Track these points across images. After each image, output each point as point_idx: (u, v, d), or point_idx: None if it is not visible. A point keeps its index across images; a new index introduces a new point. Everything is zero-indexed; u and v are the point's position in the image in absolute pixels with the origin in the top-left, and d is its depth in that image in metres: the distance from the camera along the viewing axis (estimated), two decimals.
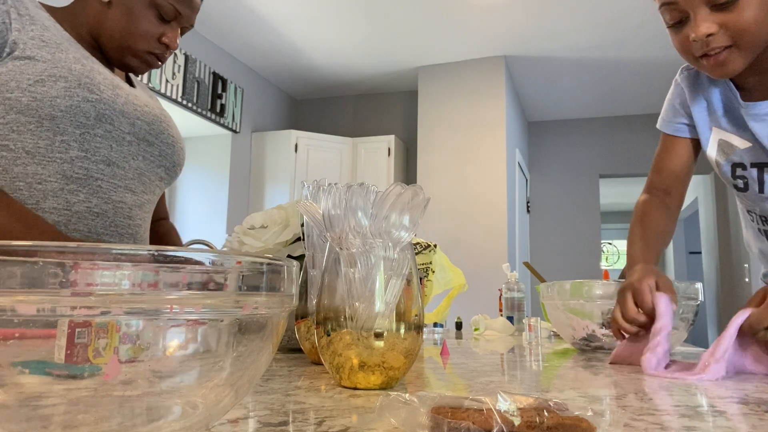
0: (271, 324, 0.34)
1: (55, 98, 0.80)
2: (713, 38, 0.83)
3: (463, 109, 4.45)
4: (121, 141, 0.89)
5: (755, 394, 0.58)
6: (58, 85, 0.81)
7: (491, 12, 3.79)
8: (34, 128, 0.80)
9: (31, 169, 0.80)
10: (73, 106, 0.82)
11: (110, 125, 0.87)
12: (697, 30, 0.84)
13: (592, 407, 0.39)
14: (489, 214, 4.26)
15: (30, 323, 0.25)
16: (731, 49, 0.84)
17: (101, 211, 0.87)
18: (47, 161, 0.81)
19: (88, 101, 0.83)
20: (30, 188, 0.80)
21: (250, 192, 4.71)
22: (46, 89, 0.80)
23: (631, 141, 5.62)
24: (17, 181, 0.80)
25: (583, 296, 1.02)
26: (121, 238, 0.90)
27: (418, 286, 0.61)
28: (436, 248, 1.19)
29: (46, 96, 0.80)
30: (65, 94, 0.81)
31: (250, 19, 3.96)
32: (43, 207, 0.81)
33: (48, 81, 0.80)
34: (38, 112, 0.80)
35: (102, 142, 0.86)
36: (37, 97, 0.79)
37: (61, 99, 0.81)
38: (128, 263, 0.26)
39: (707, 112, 1.02)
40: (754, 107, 0.94)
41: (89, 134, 0.84)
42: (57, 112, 0.81)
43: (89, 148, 0.85)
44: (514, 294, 1.66)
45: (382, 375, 0.57)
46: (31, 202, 0.80)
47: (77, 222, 0.84)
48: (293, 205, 0.99)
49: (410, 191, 0.57)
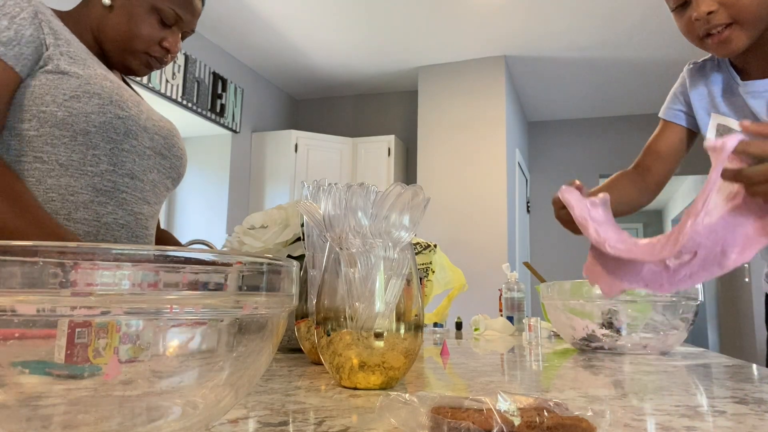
0: (271, 324, 0.34)
1: (89, 114, 0.83)
2: (714, 16, 0.87)
3: (463, 109, 4.45)
4: (143, 155, 0.93)
5: (755, 394, 0.58)
6: (93, 101, 0.83)
7: (491, 12, 3.78)
8: (68, 142, 0.83)
9: (64, 181, 0.83)
10: (106, 123, 0.85)
11: (135, 140, 0.90)
12: (698, 8, 0.88)
13: (592, 407, 0.39)
14: (489, 214, 4.26)
15: (30, 323, 0.25)
16: (733, 26, 0.87)
17: (125, 222, 0.90)
18: (79, 174, 0.84)
19: (119, 118, 0.86)
20: (63, 200, 0.83)
21: (250, 192, 4.71)
22: (81, 105, 0.82)
23: (631, 141, 5.62)
24: (50, 192, 0.82)
25: (583, 296, 1.02)
26: None
27: (418, 286, 0.61)
28: (436, 248, 1.19)
29: (81, 111, 0.82)
30: (99, 110, 0.84)
31: (250, 19, 3.96)
32: (75, 218, 0.84)
33: (83, 97, 0.83)
34: (73, 127, 0.82)
35: (128, 156, 0.89)
36: (72, 112, 0.82)
37: (95, 115, 0.84)
38: (128, 263, 0.26)
39: (707, 99, 1.06)
40: (752, 85, 0.97)
41: (117, 149, 0.87)
42: (91, 128, 0.83)
43: (117, 162, 0.88)
44: (514, 294, 1.66)
45: (382, 375, 0.57)
46: (63, 213, 0.83)
47: (105, 233, 0.87)
48: (293, 205, 0.99)
49: (410, 191, 0.57)
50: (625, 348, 0.99)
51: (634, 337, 0.98)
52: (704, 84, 1.06)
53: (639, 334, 0.97)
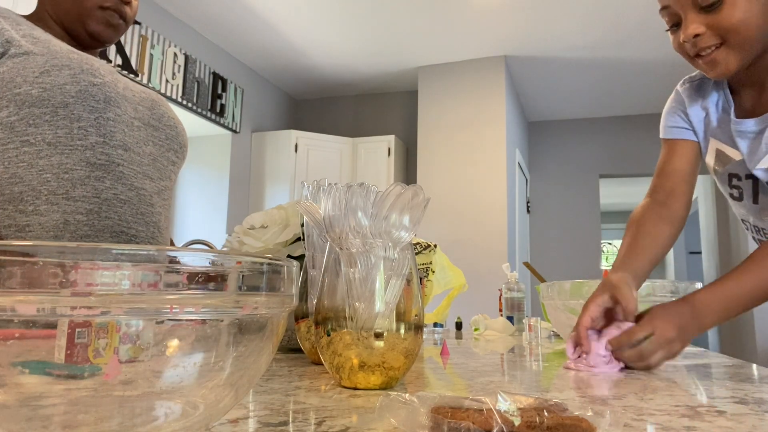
0: (271, 324, 0.34)
1: (63, 85, 0.82)
2: (701, 38, 0.87)
3: (463, 109, 4.45)
4: (131, 126, 0.91)
5: (755, 394, 0.58)
6: (63, 72, 0.82)
7: (491, 12, 3.78)
8: (50, 119, 0.81)
9: (55, 160, 0.82)
10: (82, 91, 0.83)
11: (118, 108, 0.89)
12: (685, 31, 0.88)
13: (592, 407, 0.39)
14: (489, 214, 4.25)
15: (30, 323, 0.25)
16: (721, 48, 0.87)
17: (127, 198, 0.88)
18: (70, 150, 0.83)
19: (94, 85, 0.85)
20: (58, 179, 0.81)
21: (250, 192, 4.71)
22: (53, 78, 0.81)
23: (631, 141, 5.62)
24: (44, 173, 0.81)
25: (583, 296, 1.02)
26: (147, 226, 0.91)
27: (418, 286, 0.61)
28: (436, 248, 1.19)
29: (55, 84, 0.81)
30: (72, 80, 0.83)
31: (250, 19, 3.95)
32: (74, 196, 0.82)
33: (53, 71, 0.82)
34: (51, 102, 0.81)
35: (116, 126, 0.88)
36: (46, 87, 0.81)
37: (70, 85, 0.82)
38: (128, 263, 0.26)
39: (704, 122, 1.03)
40: (740, 124, 0.96)
41: (103, 118, 0.86)
42: (68, 99, 0.82)
43: (106, 133, 0.86)
44: (514, 294, 1.66)
45: (382, 375, 0.57)
46: (61, 192, 0.81)
47: (108, 210, 0.85)
48: (293, 205, 0.99)
49: (410, 191, 0.57)
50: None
51: None
52: (701, 106, 1.02)
53: None
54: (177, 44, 3.86)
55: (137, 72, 3.45)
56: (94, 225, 0.83)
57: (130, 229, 0.87)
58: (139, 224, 0.89)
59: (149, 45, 3.56)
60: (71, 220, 0.81)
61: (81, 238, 0.82)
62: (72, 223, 0.81)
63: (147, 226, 0.91)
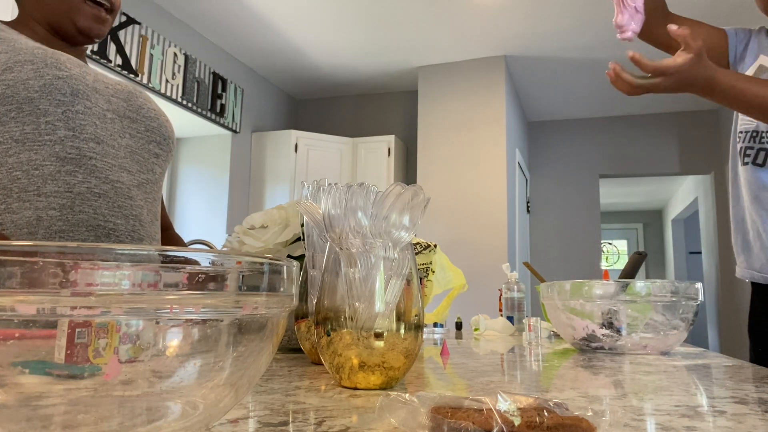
0: (271, 324, 0.34)
1: (26, 81, 0.81)
2: None
3: (463, 109, 4.45)
4: (103, 118, 0.89)
5: (755, 394, 0.58)
6: (26, 68, 0.81)
7: (491, 12, 3.78)
8: (15, 115, 0.80)
9: (24, 157, 0.80)
10: (46, 85, 0.82)
11: (88, 101, 0.87)
12: None
13: (592, 407, 0.39)
14: (489, 214, 4.25)
15: (30, 323, 0.25)
16: None
17: (102, 191, 0.86)
18: (38, 145, 0.81)
19: (59, 78, 0.83)
20: (28, 175, 0.80)
21: (250, 192, 4.71)
22: (15, 74, 0.80)
23: (631, 141, 5.62)
24: (14, 171, 0.80)
25: (583, 296, 1.02)
26: (126, 219, 0.89)
27: (418, 286, 0.61)
28: (436, 248, 1.19)
29: (18, 80, 0.80)
30: (35, 75, 0.81)
31: (250, 19, 3.95)
32: (45, 192, 0.81)
33: (15, 67, 0.81)
34: (15, 98, 0.80)
35: (86, 119, 0.86)
36: (9, 84, 0.80)
37: (33, 80, 0.81)
38: (128, 263, 0.26)
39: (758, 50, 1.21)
40: None
41: (71, 111, 0.84)
42: (33, 94, 0.81)
43: (75, 127, 0.84)
44: (514, 294, 1.66)
45: (382, 375, 0.57)
46: (32, 189, 0.80)
47: (81, 204, 0.83)
48: (293, 205, 0.99)
49: (410, 191, 0.57)
50: (625, 348, 0.99)
51: (634, 337, 0.98)
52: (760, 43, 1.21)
53: (639, 334, 0.97)
54: (177, 44, 3.86)
55: (137, 72, 3.45)
56: (68, 220, 0.81)
57: (108, 222, 0.86)
58: (117, 217, 0.87)
59: (149, 45, 3.56)
60: (44, 216, 0.80)
61: (55, 233, 0.80)
62: (45, 219, 0.80)
63: (126, 219, 0.89)
